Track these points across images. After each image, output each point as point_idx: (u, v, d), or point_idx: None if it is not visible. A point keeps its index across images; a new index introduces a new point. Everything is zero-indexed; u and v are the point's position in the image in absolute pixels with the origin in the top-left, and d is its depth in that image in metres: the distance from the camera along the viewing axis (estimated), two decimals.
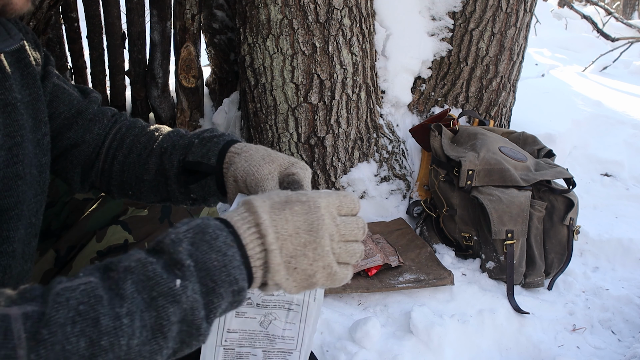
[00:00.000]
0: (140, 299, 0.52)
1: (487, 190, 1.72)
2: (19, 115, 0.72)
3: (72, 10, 2.23)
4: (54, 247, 1.31)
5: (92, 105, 0.94)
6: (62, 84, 0.91)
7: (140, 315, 0.51)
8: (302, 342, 0.78)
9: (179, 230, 0.58)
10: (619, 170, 2.63)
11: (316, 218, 0.62)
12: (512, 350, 1.50)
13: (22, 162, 0.72)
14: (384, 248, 1.73)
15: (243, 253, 0.59)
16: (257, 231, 0.60)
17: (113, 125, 0.95)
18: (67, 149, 0.92)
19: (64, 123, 0.91)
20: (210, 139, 0.84)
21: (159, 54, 2.32)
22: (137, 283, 0.52)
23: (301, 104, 1.92)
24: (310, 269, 0.62)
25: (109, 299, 0.50)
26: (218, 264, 0.56)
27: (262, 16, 1.81)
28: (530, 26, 2.26)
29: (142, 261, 0.54)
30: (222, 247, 0.57)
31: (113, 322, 0.49)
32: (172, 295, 0.53)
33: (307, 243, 0.62)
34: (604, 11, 6.31)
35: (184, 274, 0.54)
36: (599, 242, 2.00)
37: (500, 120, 2.36)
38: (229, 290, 0.57)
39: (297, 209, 0.62)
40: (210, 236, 0.57)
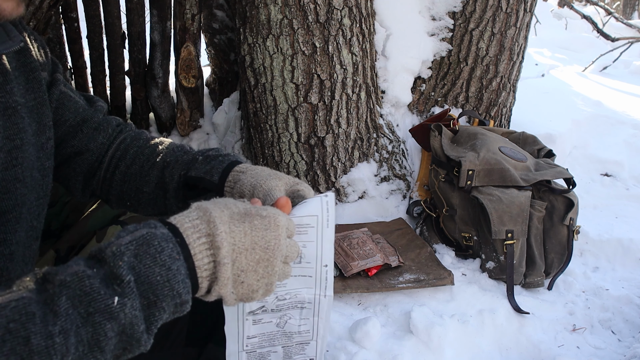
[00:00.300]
0: (76, 314, 0.50)
1: (487, 190, 1.72)
2: (19, 118, 0.72)
3: (72, 10, 2.23)
4: (54, 247, 1.31)
5: (97, 114, 0.95)
6: (68, 92, 0.91)
7: (75, 331, 0.50)
8: (317, 333, 0.81)
9: (121, 242, 0.56)
10: (619, 170, 2.63)
11: (274, 237, 0.62)
12: (512, 350, 1.50)
13: (22, 165, 0.72)
14: (384, 248, 1.73)
15: (190, 264, 0.58)
16: (208, 242, 0.59)
17: (118, 135, 0.95)
18: (70, 156, 0.92)
19: (69, 131, 0.91)
20: (214, 157, 0.84)
21: (159, 54, 2.32)
22: (72, 298, 0.51)
23: (301, 104, 1.92)
24: (256, 284, 0.62)
25: (42, 316, 0.49)
26: (161, 278, 0.55)
27: (262, 16, 1.81)
28: (530, 26, 2.26)
29: (79, 275, 0.52)
30: (166, 260, 0.56)
31: (45, 341, 0.47)
32: (109, 312, 0.52)
33: (260, 260, 0.62)
34: (604, 11, 6.31)
35: (123, 290, 0.53)
36: (599, 242, 2.00)
37: (500, 120, 2.36)
38: (171, 303, 0.56)
39: (257, 224, 0.62)
40: (155, 249, 0.56)
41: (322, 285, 0.80)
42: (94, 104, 0.96)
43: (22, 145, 0.72)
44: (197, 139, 2.51)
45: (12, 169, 0.71)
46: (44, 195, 0.81)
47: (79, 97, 0.94)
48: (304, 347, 0.80)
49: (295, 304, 0.80)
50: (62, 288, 0.51)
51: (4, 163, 0.70)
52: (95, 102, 0.97)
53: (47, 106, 0.80)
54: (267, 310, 0.78)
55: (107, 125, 0.95)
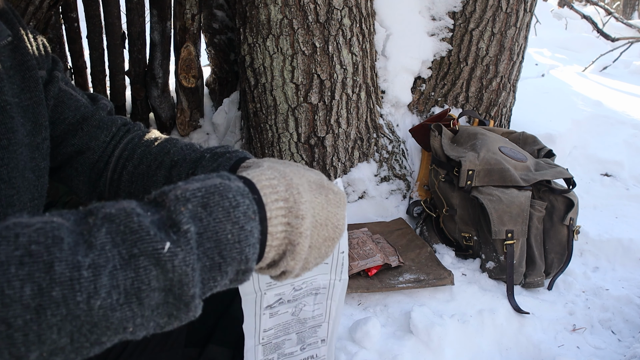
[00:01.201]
0: (115, 252, 0.42)
1: (487, 190, 1.72)
2: (7, 118, 0.70)
3: (72, 10, 2.23)
4: None
5: (99, 112, 0.92)
6: (69, 90, 0.89)
7: (111, 272, 0.42)
8: (329, 314, 0.80)
9: (188, 187, 0.49)
10: (619, 170, 2.63)
11: (343, 216, 0.58)
12: (512, 350, 1.50)
13: (8, 165, 0.70)
14: (384, 248, 1.73)
15: (263, 228, 0.51)
16: (286, 207, 0.52)
17: (125, 134, 0.93)
18: (71, 155, 0.90)
19: (68, 129, 0.89)
20: (222, 154, 0.81)
21: (159, 54, 2.33)
22: (114, 234, 0.43)
23: (301, 104, 1.91)
24: (313, 262, 0.58)
25: (72, 244, 0.41)
26: (232, 237, 0.48)
27: (262, 16, 1.81)
28: (530, 26, 2.26)
29: (127, 210, 0.45)
30: (240, 218, 0.48)
31: (70, 272, 0.40)
32: (156, 257, 0.43)
33: (328, 238, 0.57)
34: (604, 11, 6.31)
35: (178, 239, 0.45)
36: (599, 242, 2.00)
37: (500, 120, 2.36)
38: (235, 269, 0.49)
39: (332, 199, 0.57)
40: (229, 202, 0.48)
41: (337, 271, 0.78)
42: (97, 102, 0.94)
43: (9, 145, 0.70)
44: (197, 139, 2.51)
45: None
46: (39, 196, 0.80)
47: (81, 96, 0.92)
48: (316, 329, 0.80)
49: (310, 291, 0.79)
50: (104, 221, 0.44)
51: None
52: (98, 100, 0.94)
53: (43, 106, 0.78)
54: (284, 301, 0.77)
55: (110, 124, 0.92)
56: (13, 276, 0.38)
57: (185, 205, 0.47)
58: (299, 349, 0.77)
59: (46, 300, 0.39)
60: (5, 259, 0.38)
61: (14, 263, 0.38)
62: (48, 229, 0.41)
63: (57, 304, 0.39)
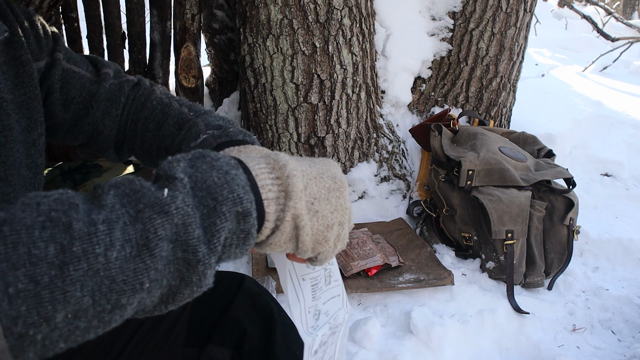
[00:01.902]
0: (123, 211, 0.46)
1: (487, 190, 1.72)
2: (3, 115, 0.70)
3: (72, 10, 2.23)
4: None
5: (104, 83, 0.91)
6: (71, 68, 0.88)
7: (122, 227, 0.45)
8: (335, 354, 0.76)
9: (176, 156, 0.54)
10: (619, 170, 2.63)
11: (339, 173, 0.60)
12: (512, 350, 1.50)
13: (5, 163, 0.70)
14: (384, 248, 1.73)
15: (250, 178, 0.54)
16: (269, 166, 0.56)
17: (133, 102, 0.93)
18: (91, 135, 0.92)
19: (79, 108, 0.89)
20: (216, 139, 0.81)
21: (159, 54, 2.33)
22: (120, 197, 0.47)
23: (301, 104, 1.91)
24: (331, 218, 0.58)
25: (87, 208, 0.45)
26: (219, 180, 0.51)
27: (262, 16, 1.81)
28: (530, 26, 2.26)
29: (129, 178, 0.49)
30: (223, 166, 0.53)
31: (87, 228, 0.43)
32: (159, 205, 0.47)
33: (331, 189, 0.58)
34: (604, 11, 6.31)
35: (175, 186, 0.49)
36: (599, 242, 2.00)
37: (500, 120, 2.36)
38: (232, 210, 0.51)
39: (319, 164, 0.60)
40: (211, 157, 0.54)
41: (344, 301, 0.77)
42: (100, 71, 0.92)
43: (6, 143, 0.70)
44: None
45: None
46: None
47: (85, 69, 0.90)
48: None
49: (334, 328, 0.76)
50: (110, 187, 0.48)
51: None
52: (101, 67, 0.93)
53: (38, 101, 0.78)
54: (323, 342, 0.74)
55: (118, 94, 0.92)
56: (37, 238, 0.41)
57: (178, 164, 0.52)
58: None
59: (68, 256, 0.42)
60: (30, 223, 0.42)
61: (38, 227, 0.42)
62: (64, 198, 0.45)
63: (78, 258, 0.42)
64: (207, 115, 0.86)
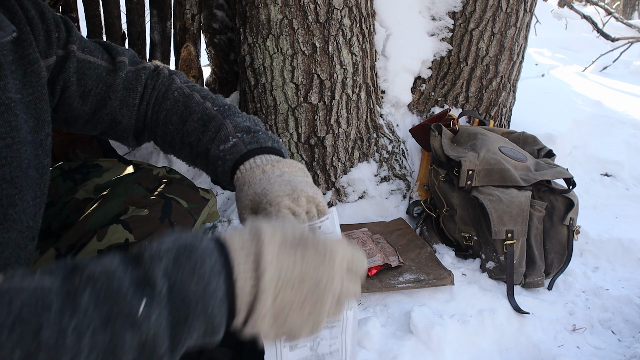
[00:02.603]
0: (96, 314, 0.46)
1: (487, 190, 1.72)
2: (11, 116, 0.69)
3: (72, 10, 2.23)
4: (54, 245, 1.31)
5: (120, 73, 0.90)
6: (87, 57, 0.87)
7: (91, 333, 0.45)
8: (346, 350, 0.78)
9: (161, 247, 0.51)
10: (619, 170, 2.63)
11: (328, 275, 0.54)
12: (512, 350, 1.50)
13: (11, 164, 0.69)
14: (384, 248, 1.73)
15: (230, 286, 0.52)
16: (254, 268, 0.52)
17: (152, 91, 0.92)
18: (110, 125, 0.92)
19: (97, 100, 0.89)
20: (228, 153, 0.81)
21: (159, 54, 2.33)
22: (96, 295, 0.46)
23: (301, 104, 1.92)
24: (299, 326, 0.55)
25: (59, 309, 0.44)
26: (196, 293, 0.49)
27: (262, 16, 1.81)
28: (530, 26, 2.26)
29: (109, 272, 0.48)
30: (205, 274, 0.50)
31: (55, 338, 0.43)
32: (131, 318, 0.46)
33: (307, 299, 0.54)
34: (604, 11, 6.31)
35: (152, 297, 0.48)
36: (599, 242, 2.00)
37: (500, 120, 2.36)
38: (202, 324, 0.50)
39: (310, 256, 0.54)
40: (195, 261, 0.51)
41: None
42: (116, 60, 0.91)
43: (14, 144, 0.69)
44: None
45: (1, 169, 0.68)
46: (42, 194, 0.78)
47: (100, 58, 0.89)
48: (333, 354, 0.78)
49: (326, 323, 0.76)
50: (88, 282, 0.47)
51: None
52: (116, 55, 0.91)
53: (45, 101, 0.77)
54: None
55: (135, 83, 0.90)
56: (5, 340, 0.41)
57: (159, 264, 0.50)
58: None
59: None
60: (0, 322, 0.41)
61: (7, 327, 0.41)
62: (39, 294, 0.44)
63: None
64: (233, 116, 0.85)
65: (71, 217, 1.36)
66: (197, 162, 0.89)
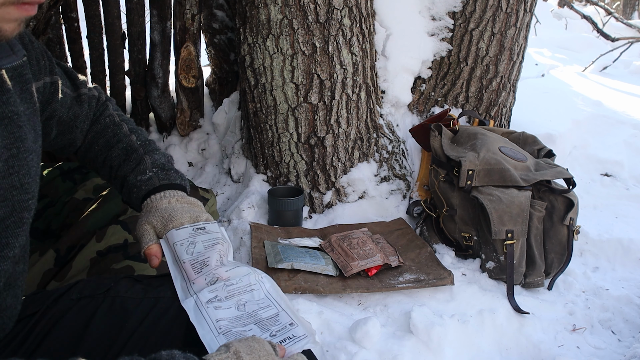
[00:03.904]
0: None
1: (487, 190, 1.72)
2: (16, 128, 0.74)
3: (72, 10, 2.23)
4: (54, 247, 1.31)
5: (84, 104, 1.02)
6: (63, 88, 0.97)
7: None
8: (279, 305, 0.84)
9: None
10: (619, 170, 2.63)
11: None
12: (512, 350, 1.50)
13: (18, 173, 0.73)
14: (384, 248, 1.73)
15: None
16: None
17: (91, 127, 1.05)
18: (65, 146, 1.03)
19: (64, 127, 0.99)
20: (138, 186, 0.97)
21: (159, 54, 2.33)
22: None
23: (301, 104, 1.92)
24: None
25: None
26: None
27: (262, 16, 1.81)
28: (530, 26, 2.26)
29: None
30: None
31: None
32: None
33: None
34: (604, 11, 6.31)
35: None
36: (599, 242, 2.00)
37: (500, 120, 2.36)
38: None
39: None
40: None
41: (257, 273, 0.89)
42: (78, 89, 1.02)
43: (19, 154, 0.74)
44: (197, 139, 2.51)
45: (9, 177, 0.72)
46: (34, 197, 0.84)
47: (65, 86, 0.98)
48: (276, 319, 0.82)
49: (244, 288, 0.85)
50: None
51: (2, 172, 0.71)
52: (79, 85, 1.03)
53: (37, 115, 0.83)
54: (221, 298, 0.83)
55: (89, 111, 1.03)
56: None
57: None
58: (269, 336, 0.78)
59: None
60: None
61: None
62: None
63: None
64: (152, 152, 1.02)
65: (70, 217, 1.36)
66: (114, 182, 1.03)
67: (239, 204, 2.00)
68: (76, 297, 0.86)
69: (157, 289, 0.87)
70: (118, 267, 1.26)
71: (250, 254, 1.70)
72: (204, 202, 1.64)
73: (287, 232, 1.90)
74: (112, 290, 0.86)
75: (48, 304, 0.85)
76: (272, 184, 2.09)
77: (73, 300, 0.85)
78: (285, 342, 0.77)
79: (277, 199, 1.92)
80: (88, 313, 0.83)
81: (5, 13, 0.62)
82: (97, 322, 0.81)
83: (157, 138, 2.56)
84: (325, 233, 1.90)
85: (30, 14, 0.65)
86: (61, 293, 0.87)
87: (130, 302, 0.84)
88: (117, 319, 0.82)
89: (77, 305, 0.84)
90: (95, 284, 0.88)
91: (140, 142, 1.04)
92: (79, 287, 0.88)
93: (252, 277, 0.88)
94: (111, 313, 0.82)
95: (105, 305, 0.84)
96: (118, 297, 0.85)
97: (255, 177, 2.11)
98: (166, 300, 0.85)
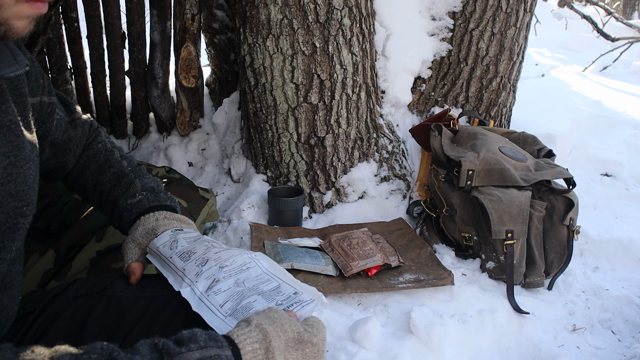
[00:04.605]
0: None
1: (487, 190, 1.72)
2: (13, 137, 0.74)
3: (72, 10, 2.23)
4: (54, 247, 1.31)
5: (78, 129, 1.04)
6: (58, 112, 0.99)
7: None
8: (278, 278, 0.85)
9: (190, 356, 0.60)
10: (619, 170, 2.63)
11: None
12: (512, 350, 1.50)
13: (15, 180, 0.74)
14: (384, 248, 1.73)
15: None
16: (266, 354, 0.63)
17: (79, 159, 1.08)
18: (55, 168, 1.05)
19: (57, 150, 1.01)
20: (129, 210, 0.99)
21: (159, 54, 2.33)
22: None
23: (301, 104, 1.92)
24: None
25: None
26: None
27: (262, 16, 1.81)
28: (530, 26, 2.26)
29: None
30: None
31: None
32: None
33: None
34: (604, 11, 6.31)
35: None
36: (599, 242, 2.00)
37: (500, 120, 2.36)
38: None
39: (308, 352, 0.69)
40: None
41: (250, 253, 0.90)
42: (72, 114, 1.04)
43: (16, 162, 0.74)
44: (197, 139, 2.51)
45: (7, 185, 0.73)
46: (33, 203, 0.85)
47: (60, 110, 1.00)
48: (279, 290, 0.82)
49: (240, 267, 0.86)
50: None
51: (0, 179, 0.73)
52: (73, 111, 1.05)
53: (32, 129, 0.84)
54: (219, 279, 0.83)
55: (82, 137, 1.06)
56: None
57: None
58: (275, 305, 0.78)
59: None
60: None
61: None
62: None
63: None
64: (142, 177, 1.05)
65: (70, 217, 1.35)
66: (104, 208, 1.05)
67: (239, 204, 2.00)
68: (73, 296, 0.86)
69: (153, 287, 0.87)
70: (118, 266, 1.26)
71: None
72: (204, 202, 1.64)
73: (287, 232, 1.90)
74: (108, 290, 0.87)
75: (45, 303, 0.85)
76: (272, 184, 2.09)
77: (69, 300, 0.85)
78: (294, 307, 0.77)
79: (277, 199, 1.93)
80: (84, 312, 0.83)
81: (18, 10, 0.65)
82: (93, 321, 0.81)
83: (157, 138, 2.56)
84: (325, 233, 1.90)
85: (42, 12, 0.67)
86: (58, 292, 0.87)
87: (126, 301, 0.84)
88: (113, 318, 0.82)
89: (73, 305, 0.84)
90: (92, 283, 0.88)
91: (131, 168, 1.07)
92: (75, 286, 0.88)
93: (245, 257, 0.88)
94: (107, 312, 0.83)
95: (102, 304, 0.84)
96: (114, 296, 0.85)
97: (255, 177, 2.11)
98: (163, 299, 0.85)
